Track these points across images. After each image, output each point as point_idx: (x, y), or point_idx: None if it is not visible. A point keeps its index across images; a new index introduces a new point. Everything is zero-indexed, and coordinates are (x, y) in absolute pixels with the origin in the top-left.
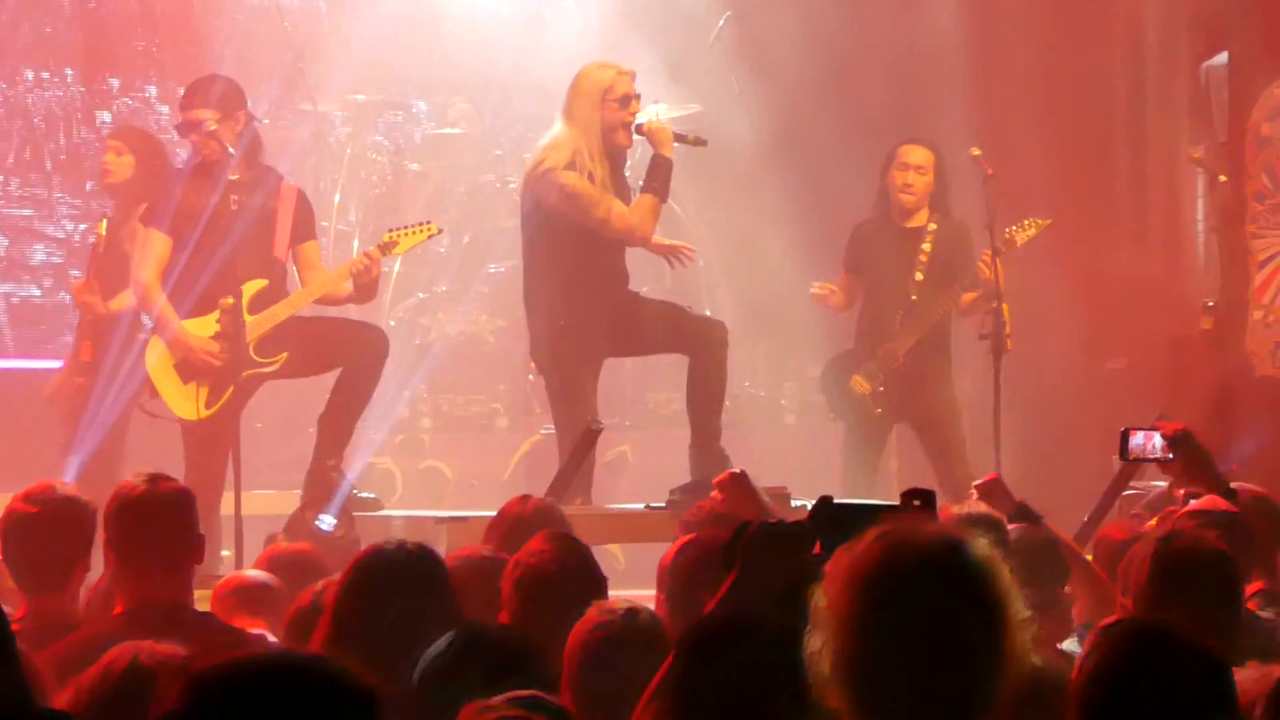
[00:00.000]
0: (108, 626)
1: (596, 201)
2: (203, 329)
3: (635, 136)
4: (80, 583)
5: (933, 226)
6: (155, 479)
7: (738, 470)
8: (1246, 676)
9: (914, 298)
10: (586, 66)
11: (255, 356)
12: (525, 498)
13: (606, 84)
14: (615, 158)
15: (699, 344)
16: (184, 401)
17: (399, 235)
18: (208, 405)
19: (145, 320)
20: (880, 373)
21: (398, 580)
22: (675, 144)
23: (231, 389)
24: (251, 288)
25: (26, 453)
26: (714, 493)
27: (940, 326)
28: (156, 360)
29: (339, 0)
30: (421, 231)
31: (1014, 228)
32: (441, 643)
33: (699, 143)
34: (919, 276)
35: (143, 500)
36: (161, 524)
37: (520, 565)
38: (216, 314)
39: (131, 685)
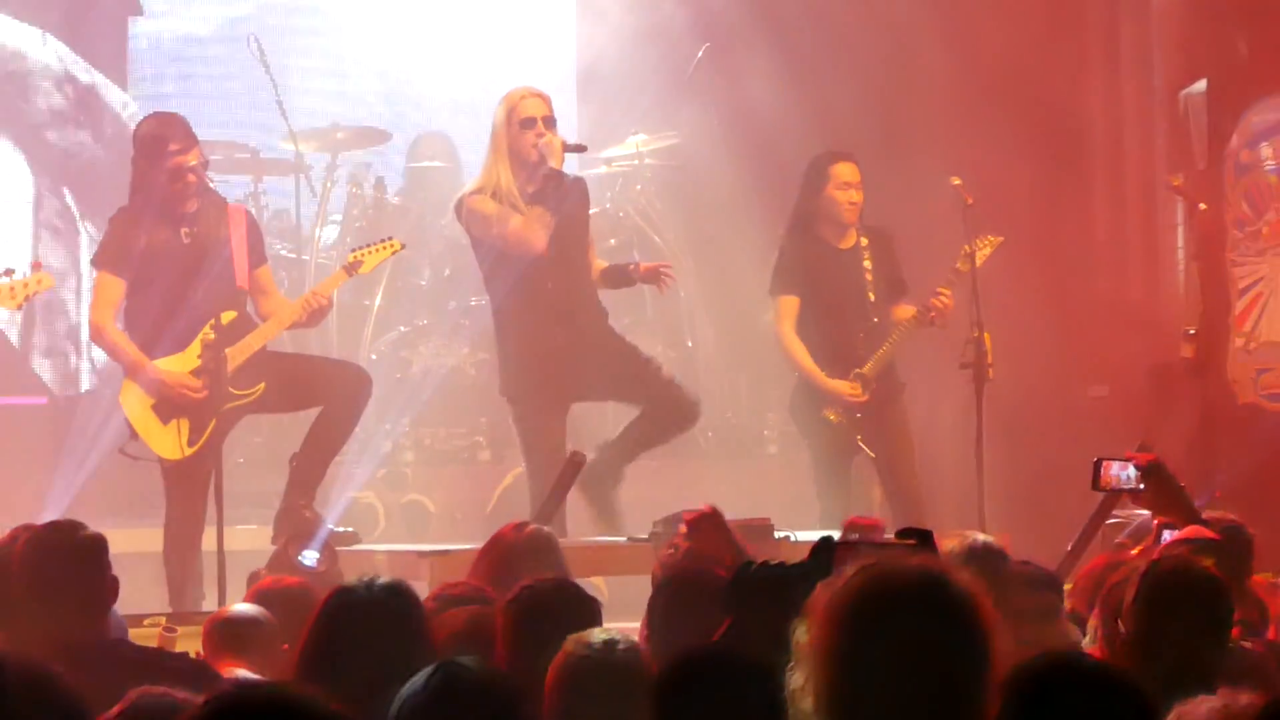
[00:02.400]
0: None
1: (495, 219)
2: (180, 365)
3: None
4: None
5: (865, 242)
6: (72, 526)
7: (708, 508)
8: (1209, 705)
9: (876, 320)
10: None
11: (231, 389)
12: (521, 525)
13: (511, 106)
14: (529, 179)
15: (649, 399)
16: (166, 441)
17: (364, 254)
18: (190, 442)
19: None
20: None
21: (366, 621)
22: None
23: (213, 424)
24: (222, 319)
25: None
26: (681, 528)
27: (900, 348)
28: (134, 402)
29: (319, 34)
30: (385, 248)
31: (969, 247)
32: (419, 680)
33: (579, 148)
34: (871, 297)
35: (57, 546)
36: (73, 569)
37: (516, 597)
38: (197, 349)
39: None
